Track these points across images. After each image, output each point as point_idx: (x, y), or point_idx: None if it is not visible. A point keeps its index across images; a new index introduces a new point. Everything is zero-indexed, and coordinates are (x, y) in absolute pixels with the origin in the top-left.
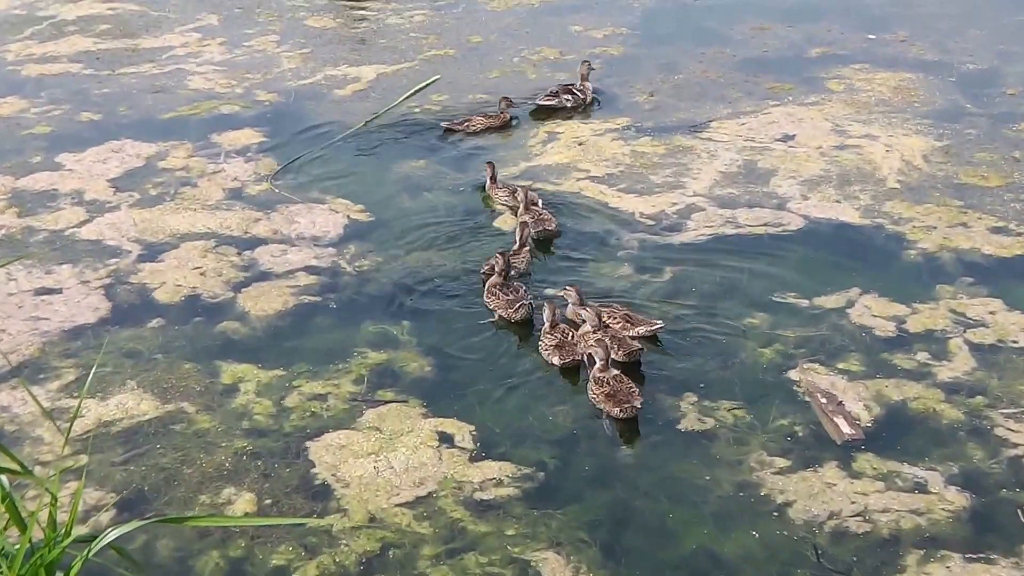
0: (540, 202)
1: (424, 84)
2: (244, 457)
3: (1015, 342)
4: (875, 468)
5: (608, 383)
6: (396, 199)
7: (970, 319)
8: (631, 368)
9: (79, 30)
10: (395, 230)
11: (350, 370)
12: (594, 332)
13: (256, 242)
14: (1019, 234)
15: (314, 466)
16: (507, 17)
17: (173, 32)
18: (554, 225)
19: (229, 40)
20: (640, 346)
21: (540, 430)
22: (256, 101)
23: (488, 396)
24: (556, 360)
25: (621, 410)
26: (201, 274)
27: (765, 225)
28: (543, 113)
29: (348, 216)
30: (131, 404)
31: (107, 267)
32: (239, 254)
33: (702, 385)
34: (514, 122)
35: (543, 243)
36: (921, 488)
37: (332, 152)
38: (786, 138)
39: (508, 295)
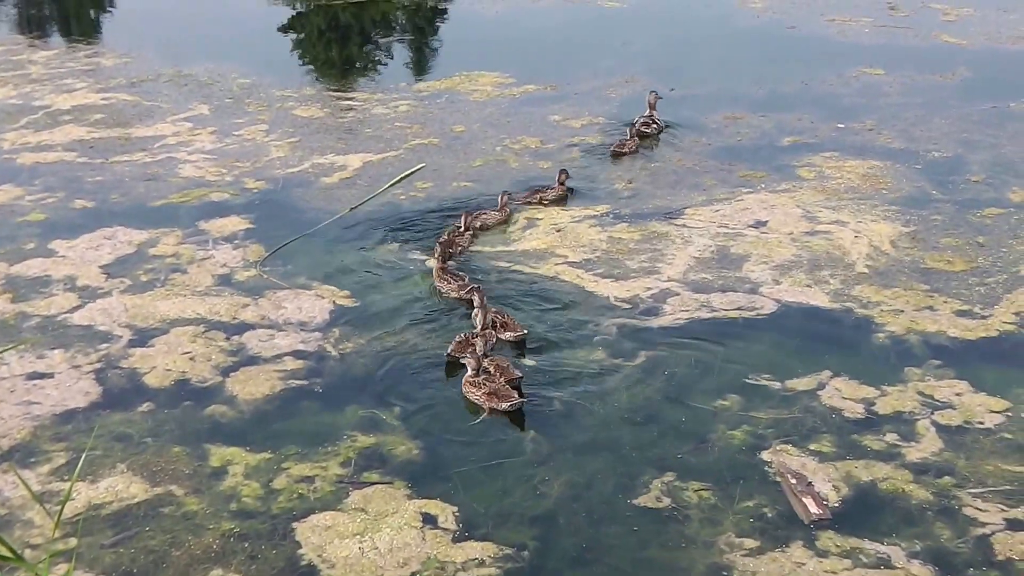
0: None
1: (409, 172)
2: (231, 539)
3: (981, 423)
4: (843, 547)
5: (483, 384)
6: (380, 284)
7: (937, 401)
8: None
9: (73, 120)
10: (380, 314)
11: (337, 452)
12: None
13: (244, 327)
14: (983, 317)
15: (300, 547)
16: (489, 107)
17: (165, 121)
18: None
19: (219, 129)
20: (520, 375)
21: (522, 510)
22: (245, 189)
23: (471, 477)
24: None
25: (510, 404)
26: (190, 359)
27: (738, 309)
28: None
29: (334, 302)
30: (121, 487)
31: (98, 352)
32: (228, 339)
33: (677, 465)
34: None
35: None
36: (889, 566)
37: (319, 239)
38: (758, 224)
39: (455, 280)
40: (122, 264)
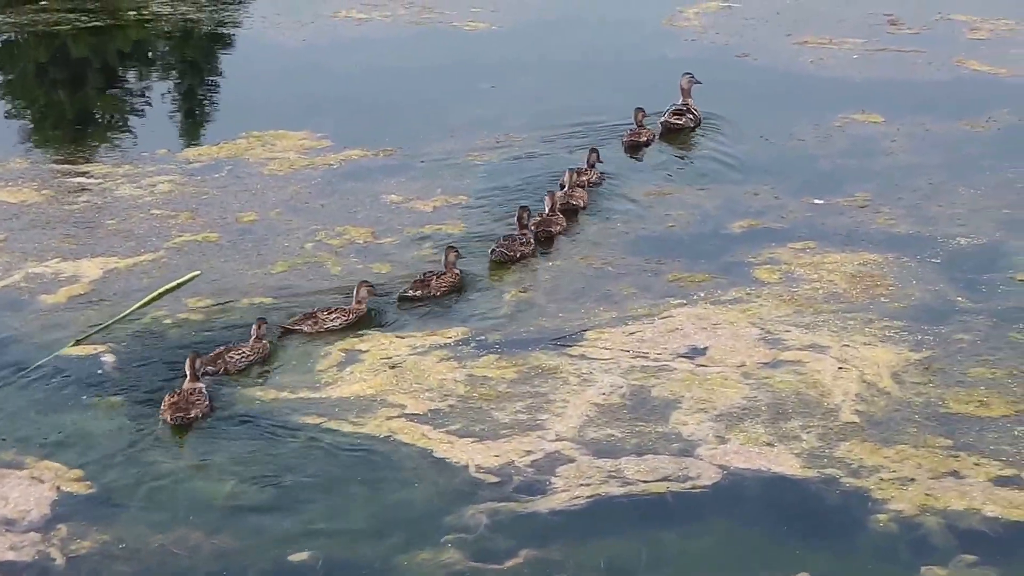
0: None
1: (174, 284)
2: None
3: None
4: None
5: (179, 393)
6: (130, 455)
7: None
8: None
9: None
10: (131, 501)
11: None
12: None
13: None
14: None
15: None
16: (292, 184)
17: None
18: None
19: None
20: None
21: None
22: None
23: None
24: None
25: (172, 418)
26: None
27: (665, 481)
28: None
29: (58, 486)
30: None
31: None
32: None
33: None
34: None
35: None
36: None
37: (33, 389)
38: (694, 353)
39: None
40: None
